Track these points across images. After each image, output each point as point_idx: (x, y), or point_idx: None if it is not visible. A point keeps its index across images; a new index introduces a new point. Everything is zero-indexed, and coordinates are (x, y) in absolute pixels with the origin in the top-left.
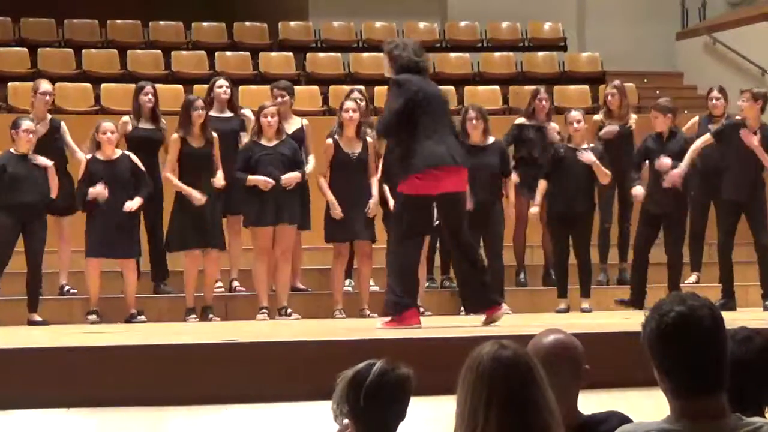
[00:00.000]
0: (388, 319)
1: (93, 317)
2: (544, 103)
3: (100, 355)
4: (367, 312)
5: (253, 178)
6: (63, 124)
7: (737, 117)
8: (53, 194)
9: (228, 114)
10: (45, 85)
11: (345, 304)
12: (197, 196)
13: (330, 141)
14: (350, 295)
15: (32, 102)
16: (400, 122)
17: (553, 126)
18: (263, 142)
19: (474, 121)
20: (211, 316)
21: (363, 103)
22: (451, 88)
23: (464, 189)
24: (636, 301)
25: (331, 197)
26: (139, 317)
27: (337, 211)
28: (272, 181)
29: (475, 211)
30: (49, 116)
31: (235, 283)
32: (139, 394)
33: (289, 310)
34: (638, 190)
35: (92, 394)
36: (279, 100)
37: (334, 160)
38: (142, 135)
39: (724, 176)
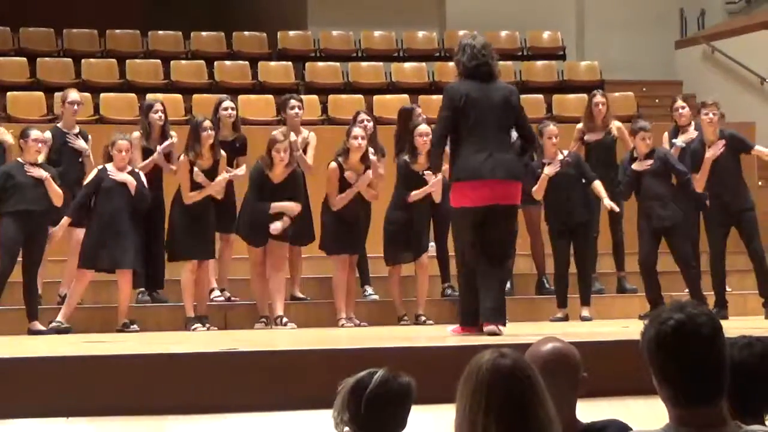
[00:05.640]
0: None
1: (56, 325)
2: None
3: (100, 364)
4: (345, 322)
5: (277, 205)
6: (90, 136)
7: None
8: (56, 203)
9: (230, 137)
10: (73, 94)
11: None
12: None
13: (334, 165)
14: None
15: (61, 111)
16: (448, 131)
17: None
18: (272, 177)
19: None
20: (207, 325)
21: (370, 125)
22: None
23: (505, 202)
24: None
25: (354, 190)
26: (132, 326)
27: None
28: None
29: None
30: (78, 127)
31: (227, 293)
32: (138, 403)
33: (285, 320)
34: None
35: (92, 403)
36: (297, 111)
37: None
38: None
39: (709, 192)
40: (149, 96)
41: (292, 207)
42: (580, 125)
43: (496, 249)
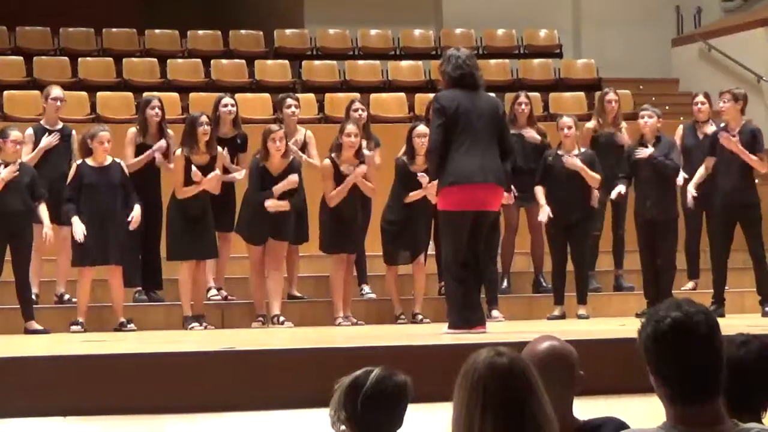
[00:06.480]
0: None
1: (77, 327)
2: (523, 107)
3: (98, 363)
4: (343, 321)
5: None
6: (74, 132)
7: (722, 124)
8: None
9: (230, 134)
10: (56, 90)
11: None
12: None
13: (328, 162)
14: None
15: (43, 107)
16: (442, 138)
17: (531, 131)
18: (270, 169)
19: None
20: (205, 324)
21: (364, 114)
22: None
23: (492, 208)
24: None
25: (348, 183)
26: (129, 325)
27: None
28: (287, 207)
29: None
30: (61, 124)
31: (224, 292)
32: (136, 402)
33: (281, 318)
34: (620, 188)
35: (90, 402)
36: (294, 109)
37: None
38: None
39: (714, 185)
40: (147, 93)
41: (294, 180)
42: (590, 124)
43: (485, 251)
